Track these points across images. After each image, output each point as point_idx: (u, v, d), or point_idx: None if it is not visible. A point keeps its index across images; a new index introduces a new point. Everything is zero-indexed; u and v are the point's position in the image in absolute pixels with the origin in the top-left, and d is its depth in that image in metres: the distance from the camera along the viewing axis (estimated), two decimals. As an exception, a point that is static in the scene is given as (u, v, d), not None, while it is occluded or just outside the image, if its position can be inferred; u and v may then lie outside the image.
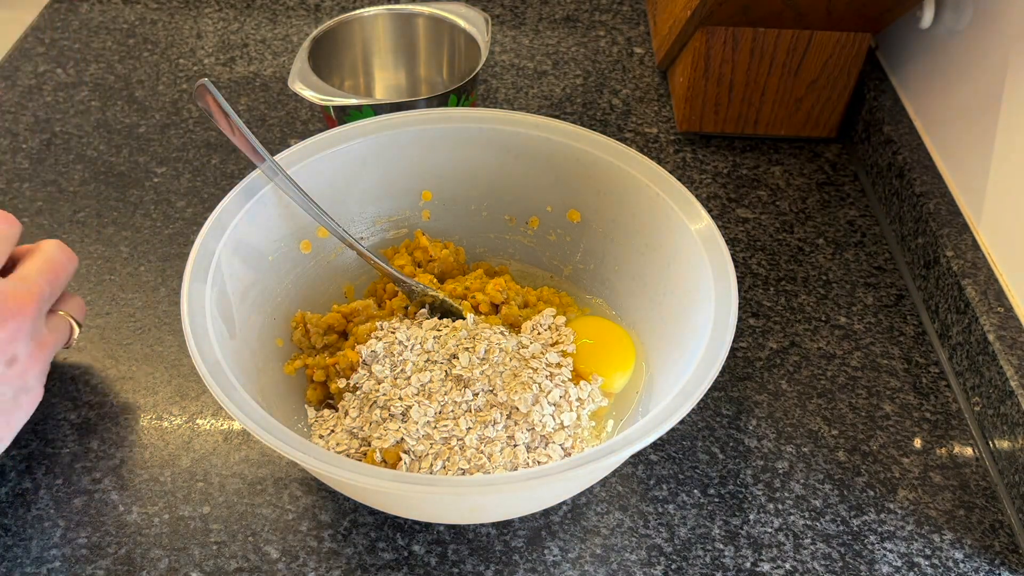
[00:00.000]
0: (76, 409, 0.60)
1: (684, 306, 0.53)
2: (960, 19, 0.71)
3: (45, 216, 0.73)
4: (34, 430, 0.58)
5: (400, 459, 0.50)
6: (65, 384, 0.61)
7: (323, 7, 0.99)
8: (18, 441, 0.58)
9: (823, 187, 0.79)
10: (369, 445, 0.52)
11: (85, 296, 0.67)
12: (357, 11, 0.83)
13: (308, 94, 0.72)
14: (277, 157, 0.56)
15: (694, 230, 0.53)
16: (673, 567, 0.53)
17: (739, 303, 0.68)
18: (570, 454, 0.52)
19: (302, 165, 0.57)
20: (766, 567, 0.53)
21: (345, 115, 0.73)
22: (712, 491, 0.57)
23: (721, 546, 0.54)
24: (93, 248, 0.71)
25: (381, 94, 0.87)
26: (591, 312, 0.62)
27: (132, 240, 0.72)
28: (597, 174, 0.59)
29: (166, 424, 0.59)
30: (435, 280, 0.61)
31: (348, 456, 0.52)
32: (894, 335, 0.67)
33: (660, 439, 0.59)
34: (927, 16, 0.73)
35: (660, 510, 0.55)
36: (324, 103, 0.72)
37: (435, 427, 0.51)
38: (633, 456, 0.58)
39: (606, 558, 0.53)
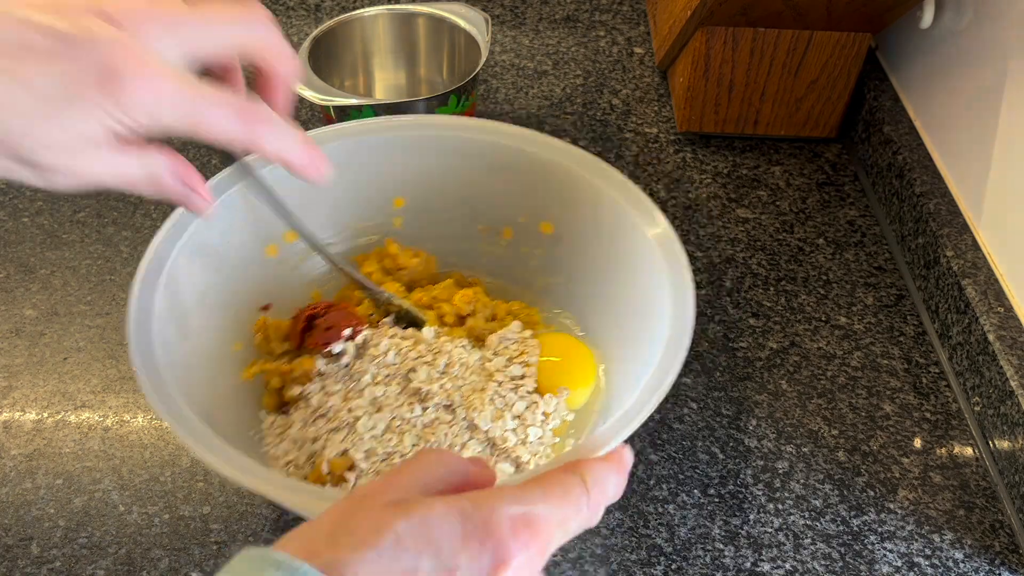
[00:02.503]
0: (76, 409, 0.60)
1: (643, 320, 0.51)
2: (960, 19, 0.71)
3: (45, 216, 0.73)
4: (35, 429, 0.58)
5: (350, 469, 0.50)
6: (65, 384, 0.61)
7: (323, 7, 0.99)
8: (19, 441, 0.58)
9: (823, 187, 0.79)
10: (316, 456, 0.51)
11: (85, 296, 0.67)
12: (357, 11, 0.83)
13: (308, 94, 0.72)
14: (247, 158, 0.55)
15: (651, 236, 0.51)
16: (673, 567, 0.53)
17: (739, 302, 0.69)
18: (522, 469, 0.51)
19: (272, 167, 0.56)
20: (766, 567, 0.53)
21: (345, 115, 0.73)
22: (712, 491, 0.57)
23: (721, 546, 0.54)
24: (93, 248, 0.71)
25: (381, 94, 0.87)
26: (557, 329, 0.61)
27: (132, 240, 0.72)
28: (569, 185, 0.57)
29: (166, 424, 0.59)
30: (403, 289, 0.59)
31: (295, 465, 0.51)
32: (894, 335, 0.67)
33: (660, 439, 0.59)
34: (927, 16, 0.73)
35: (660, 510, 0.55)
36: (324, 103, 0.72)
37: (379, 441, 0.51)
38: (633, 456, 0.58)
39: (606, 558, 0.53)
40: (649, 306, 0.51)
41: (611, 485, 0.34)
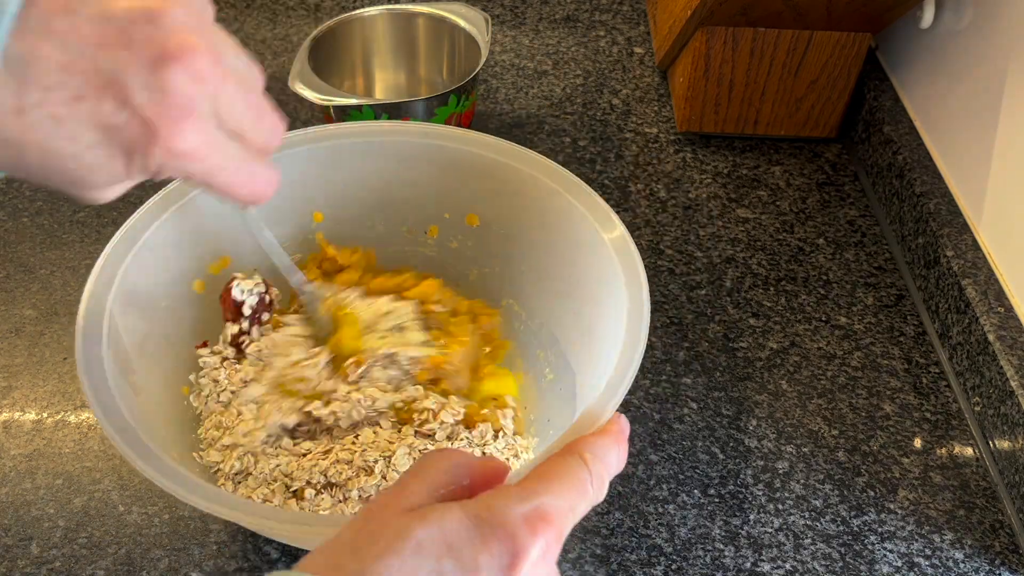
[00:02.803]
0: (75, 410, 0.60)
1: (600, 314, 0.51)
2: (960, 19, 0.71)
3: (45, 216, 0.73)
4: (35, 429, 0.58)
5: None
6: (65, 384, 0.61)
7: (323, 7, 0.99)
8: (19, 441, 0.58)
9: (823, 187, 0.79)
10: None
11: (85, 296, 0.67)
12: (357, 11, 0.83)
13: (308, 94, 0.72)
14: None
15: (608, 239, 0.51)
16: (673, 567, 0.53)
17: (739, 302, 0.69)
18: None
19: (183, 202, 0.53)
20: (766, 567, 0.53)
21: (345, 115, 0.73)
22: (712, 491, 0.57)
23: (721, 546, 0.54)
24: (93, 248, 0.71)
25: (381, 94, 0.88)
26: (501, 314, 0.59)
27: (132, 240, 0.72)
28: (493, 175, 0.56)
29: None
30: (354, 287, 0.58)
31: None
32: (894, 335, 0.67)
33: (660, 439, 0.59)
34: (927, 16, 0.73)
35: (660, 510, 0.55)
36: (324, 103, 0.72)
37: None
38: (633, 456, 0.58)
39: (606, 558, 0.53)
40: (596, 281, 0.51)
41: (612, 457, 0.35)
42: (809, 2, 0.71)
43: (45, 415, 0.59)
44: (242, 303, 0.54)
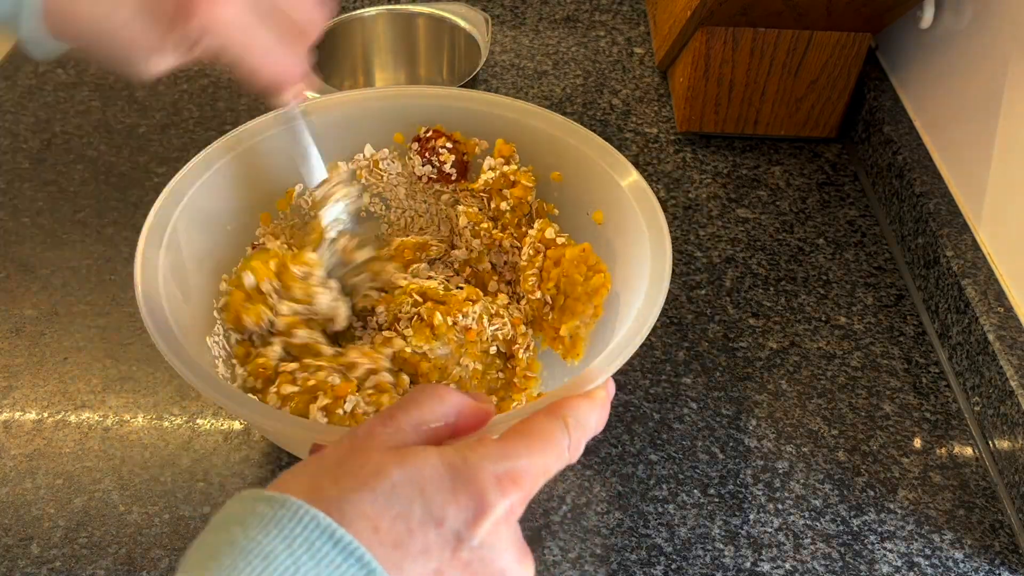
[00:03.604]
0: (76, 409, 0.60)
1: (625, 253, 0.54)
2: (960, 19, 0.71)
3: (45, 216, 0.73)
4: (35, 429, 0.58)
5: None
6: (65, 384, 0.61)
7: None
8: (19, 441, 0.58)
9: (823, 187, 0.79)
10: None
11: (85, 296, 0.67)
12: (357, 11, 0.83)
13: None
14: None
15: (624, 185, 0.55)
16: (673, 567, 0.53)
17: (739, 302, 0.69)
18: None
19: (253, 143, 0.57)
20: (766, 567, 0.53)
21: (345, 115, 0.73)
22: (712, 491, 0.57)
23: (721, 546, 0.54)
24: (93, 248, 0.71)
25: (381, 94, 0.87)
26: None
27: (132, 240, 0.71)
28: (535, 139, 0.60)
29: (166, 424, 0.59)
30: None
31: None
32: (894, 335, 0.67)
33: (660, 439, 0.59)
34: (927, 16, 0.73)
35: (660, 510, 0.55)
36: (324, 103, 0.72)
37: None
38: (633, 456, 0.58)
39: (606, 558, 0.53)
40: (629, 242, 0.54)
41: (592, 421, 0.37)
42: (809, 2, 0.71)
43: (45, 415, 0.59)
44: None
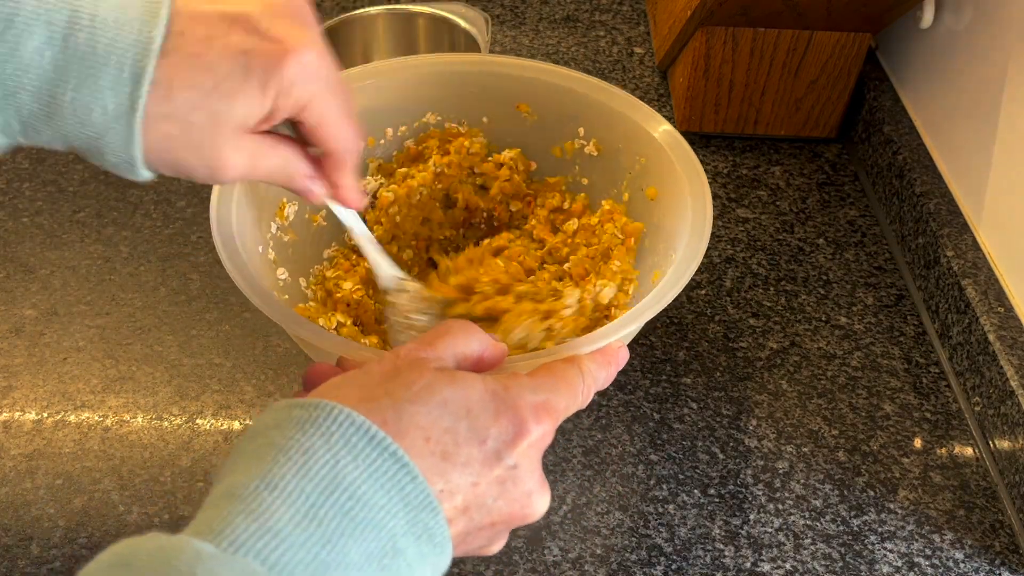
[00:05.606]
0: (76, 409, 0.60)
1: (665, 212, 0.56)
2: (960, 19, 0.71)
3: (45, 216, 0.73)
4: (35, 429, 0.58)
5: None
6: (65, 384, 0.61)
7: (323, 7, 0.99)
8: (19, 441, 0.58)
9: (823, 187, 0.79)
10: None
11: (85, 296, 0.67)
12: (357, 11, 0.83)
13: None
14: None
15: (657, 135, 0.57)
16: (673, 567, 0.53)
17: (739, 302, 0.69)
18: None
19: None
20: (766, 567, 0.53)
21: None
22: (712, 491, 0.57)
23: (721, 546, 0.54)
24: (93, 248, 0.71)
25: (381, 94, 0.87)
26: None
27: (132, 240, 0.72)
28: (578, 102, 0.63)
29: (166, 424, 0.59)
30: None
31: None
32: (894, 335, 0.67)
33: (660, 439, 0.59)
34: (927, 16, 0.73)
35: (660, 510, 0.55)
36: (324, 103, 0.72)
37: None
38: (633, 456, 0.58)
39: (606, 558, 0.53)
40: (671, 202, 0.56)
41: (602, 376, 0.42)
42: (809, 2, 0.70)
43: (45, 415, 0.59)
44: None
